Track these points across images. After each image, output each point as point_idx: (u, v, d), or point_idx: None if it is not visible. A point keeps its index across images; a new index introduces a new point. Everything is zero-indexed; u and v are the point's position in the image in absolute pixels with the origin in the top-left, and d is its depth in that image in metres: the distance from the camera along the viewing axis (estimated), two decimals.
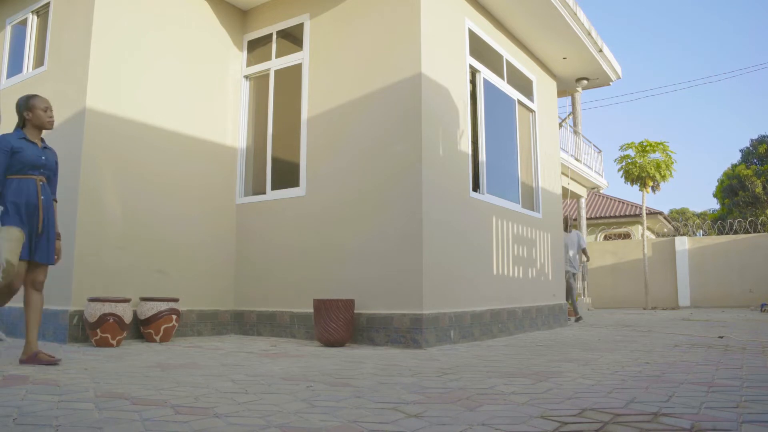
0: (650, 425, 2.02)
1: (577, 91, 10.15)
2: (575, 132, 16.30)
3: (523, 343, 5.42)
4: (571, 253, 9.83)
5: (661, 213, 23.22)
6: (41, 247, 3.67)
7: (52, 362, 3.55)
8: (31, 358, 3.56)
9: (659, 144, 17.14)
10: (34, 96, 3.80)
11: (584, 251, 10.20)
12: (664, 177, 16.99)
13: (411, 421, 2.12)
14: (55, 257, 3.78)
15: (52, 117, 3.81)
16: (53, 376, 3.09)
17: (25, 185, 3.62)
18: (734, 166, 26.42)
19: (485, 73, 6.70)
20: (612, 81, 9.24)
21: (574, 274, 9.96)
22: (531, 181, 7.77)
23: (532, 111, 7.89)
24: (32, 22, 6.19)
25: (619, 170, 17.71)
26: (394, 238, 5.26)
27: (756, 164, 26.05)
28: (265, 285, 6.09)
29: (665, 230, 23.84)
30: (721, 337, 5.84)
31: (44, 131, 3.84)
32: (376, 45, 5.70)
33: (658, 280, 17.28)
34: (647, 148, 17.16)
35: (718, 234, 18.33)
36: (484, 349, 4.93)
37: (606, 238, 22.74)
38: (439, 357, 4.28)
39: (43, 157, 3.72)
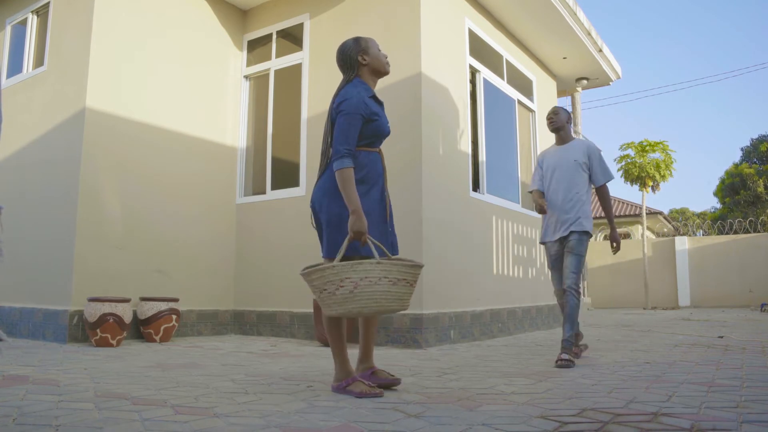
0: (650, 425, 2.02)
1: (577, 91, 10.15)
2: (575, 132, 16.28)
3: (523, 343, 5.42)
4: (560, 189, 4.01)
5: (661, 213, 23.20)
6: (395, 238, 2.92)
7: (388, 386, 2.78)
8: (366, 376, 2.83)
9: (659, 143, 17.13)
10: (361, 37, 2.86)
11: (605, 197, 4.09)
12: (663, 177, 16.98)
13: (411, 421, 2.12)
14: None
15: (387, 58, 2.89)
16: (53, 376, 3.09)
17: (372, 162, 2.74)
18: (736, 165, 26.42)
19: (485, 73, 6.70)
20: (612, 81, 9.24)
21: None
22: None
23: (532, 111, 7.88)
24: (32, 22, 6.19)
25: (618, 170, 17.71)
26: None
27: (757, 163, 26.05)
28: (265, 285, 6.09)
29: (665, 230, 23.82)
30: (721, 337, 5.84)
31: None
32: None
33: (658, 279, 17.27)
34: (647, 147, 17.15)
35: (718, 234, 18.31)
36: (484, 349, 4.93)
37: (606, 238, 22.73)
38: (439, 357, 4.28)
39: (389, 123, 2.86)
